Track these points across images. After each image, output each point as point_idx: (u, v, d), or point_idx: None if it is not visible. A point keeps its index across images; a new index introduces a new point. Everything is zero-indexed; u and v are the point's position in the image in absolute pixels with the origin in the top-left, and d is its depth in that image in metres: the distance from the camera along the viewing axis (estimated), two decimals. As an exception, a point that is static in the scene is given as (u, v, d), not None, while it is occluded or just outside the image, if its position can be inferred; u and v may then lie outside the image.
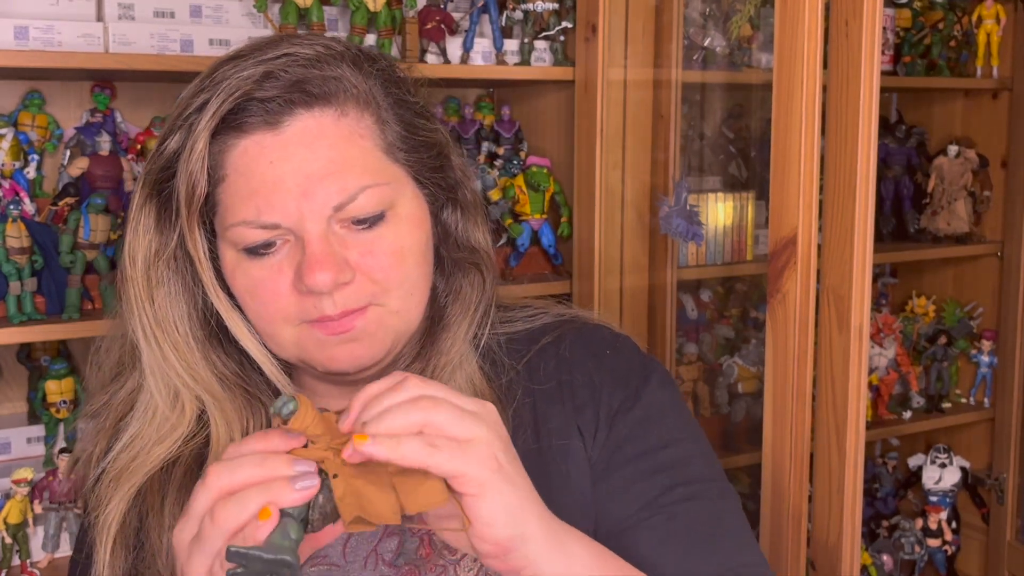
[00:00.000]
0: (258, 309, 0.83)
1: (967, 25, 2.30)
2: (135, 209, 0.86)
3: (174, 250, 0.85)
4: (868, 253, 1.34)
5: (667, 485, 0.86)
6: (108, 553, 0.84)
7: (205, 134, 0.79)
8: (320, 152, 0.80)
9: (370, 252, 0.82)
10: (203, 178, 0.80)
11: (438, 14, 1.72)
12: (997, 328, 2.33)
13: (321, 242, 0.80)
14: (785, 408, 1.39)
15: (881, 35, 1.34)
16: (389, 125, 0.85)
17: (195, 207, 0.81)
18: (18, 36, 1.44)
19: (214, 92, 0.80)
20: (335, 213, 0.80)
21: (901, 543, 2.20)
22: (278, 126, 0.80)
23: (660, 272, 1.87)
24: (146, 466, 0.85)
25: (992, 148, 2.33)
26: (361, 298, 0.82)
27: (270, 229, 0.80)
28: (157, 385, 0.86)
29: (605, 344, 0.94)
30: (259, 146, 0.80)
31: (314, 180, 0.80)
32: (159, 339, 0.85)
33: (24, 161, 1.62)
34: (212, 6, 1.59)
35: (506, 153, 1.93)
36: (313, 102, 0.81)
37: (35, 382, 1.69)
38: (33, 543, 1.55)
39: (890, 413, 2.23)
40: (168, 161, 0.82)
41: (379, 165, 0.83)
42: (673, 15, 1.80)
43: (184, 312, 0.86)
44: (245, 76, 0.80)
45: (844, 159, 1.35)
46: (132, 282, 0.85)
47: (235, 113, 0.80)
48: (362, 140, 0.82)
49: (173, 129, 0.83)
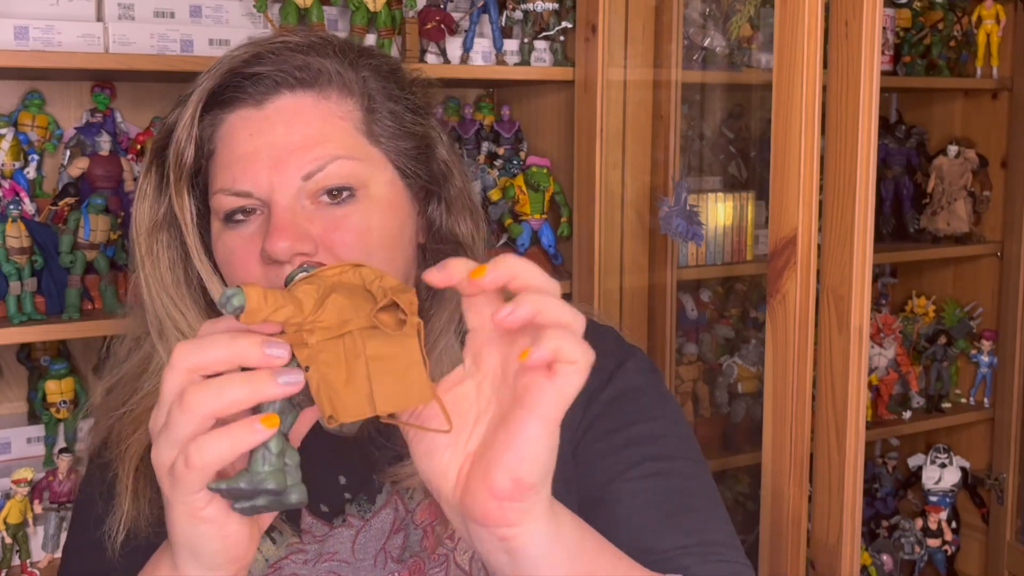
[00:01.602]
0: (229, 277, 0.86)
1: (967, 25, 2.30)
2: (141, 176, 0.90)
3: (170, 216, 0.88)
4: (868, 253, 1.34)
5: (635, 459, 0.87)
6: (130, 479, 0.86)
7: (194, 105, 0.85)
8: (297, 128, 0.84)
9: (335, 228, 0.83)
10: (190, 146, 0.85)
11: (438, 14, 1.72)
12: (997, 328, 2.33)
13: (286, 212, 0.82)
14: (785, 408, 1.39)
15: (881, 35, 1.35)
16: (374, 114, 0.87)
17: (182, 173, 0.85)
18: (18, 36, 1.44)
19: (210, 71, 0.86)
20: (304, 183, 0.82)
21: (901, 543, 2.20)
22: (261, 103, 0.85)
23: (660, 272, 1.87)
24: None
25: (992, 148, 2.34)
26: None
27: (243, 197, 0.83)
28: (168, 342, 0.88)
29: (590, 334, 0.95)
30: (242, 120, 0.85)
31: (287, 152, 0.83)
32: (164, 300, 0.88)
33: (24, 161, 1.62)
34: (212, 6, 1.59)
35: (506, 153, 1.93)
36: (297, 85, 0.85)
37: (35, 382, 1.69)
38: (33, 543, 1.55)
39: (890, 413, 2.23)
40: (167, 132, 0.88)
41: (355, 143, 0.86)
42: (673, 15, 1.80)
43: (181, 273, 0.90)
44: (236, 55, 0.86)
45: (844, 159, 1.35)
46: (136, 246, 0.90)
47: (225, 90, 0.85)
48: (341, 121, 0.86)
49: (176, 105, 0.88)
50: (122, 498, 0.86)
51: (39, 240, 1.50)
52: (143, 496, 0.86)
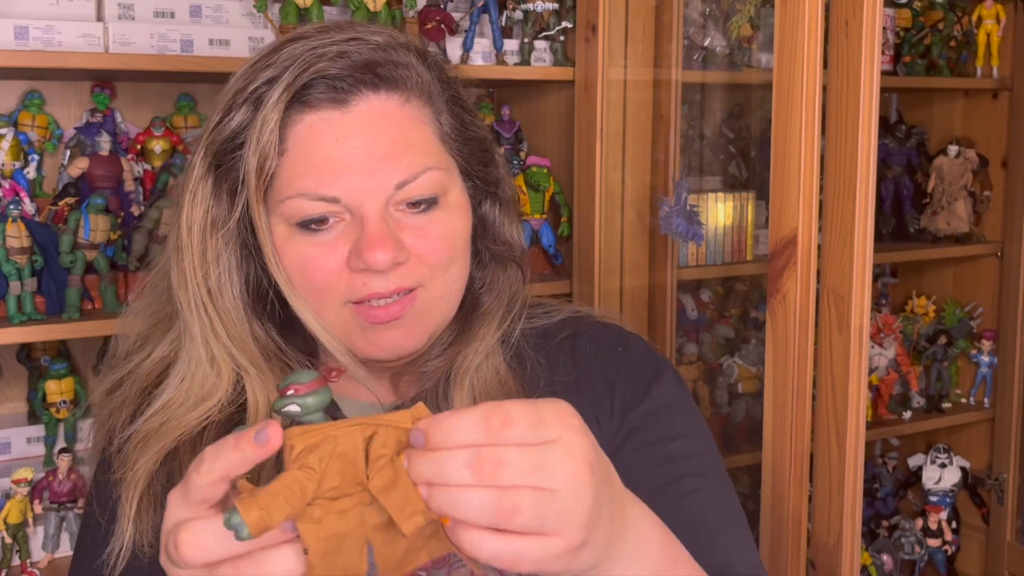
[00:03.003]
0: (307, 284, 0.83)
1: (967, 25, 2.30)
2: (194, 180, 0.85)
3: (231, 221, 0.84)
4: (868, 253, 1.34)
5: (674, 475, 0.88)
6: (133, 509, 0.84)
7: (280, 107, 0.80)
8: (385, 133, 0.82)
9: (424, 235, 0.83)
10: (274, 151, 0.81)
11: (438, 14, 1.72)
12: (997, 328, 2.33)
13: (380, 221, 0.81)
14: (785, 408, 1.39)
15: (881, 35, 1.35)
16: (444, 117, 0.87)
17: (264, 180, 0.82)
18: (18, 36, 1.44)
19: (284, 67, 0.81)
20: (395, 192, 0.82)
21: (901, 543, 2.20)
22: (346, 104, 0.82)
23: (660, 272, 1.87)
24: (177, 430, 0.85)
25: (992, 148, 2.33)
26: (412, 279, 0.83)
27: (329, 202, 0.81)
28: (199, 353, 0.86)
29: (618, 341, 0.97)
30: (325, 122, 0.82)
31: (378, 160, 0.81)
32: (208, 309, 0.85)
33: (24, 161, 1.62)
34: (212, 6, 1.59)
35: (506, 153, 1.93)
36: (381, 85, 0.83)
37: (35, 382, 1.69)
38: (33, 543, 1.55)
39: (890, 413, 2.22)
40: (233, 133, 0.83)
41: (436, 150, 0.85)
42: (673, 15, 1.80)
43: (237, 284, 0.86)
44: (319, 53, 0.81)
45: (844, 159, 1.35)
46: (188, 251, 0.85)
47: (303, 88, 0.81)
48: (423, 127, 0.85)
49: (236, 102, 0.83)
50: (124, 524, 0.84)
51: (39, 240, 1.50)
52: (147, 519, 0.84)
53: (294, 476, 0.56)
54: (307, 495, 0.56)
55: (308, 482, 0.56)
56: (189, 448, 0.86)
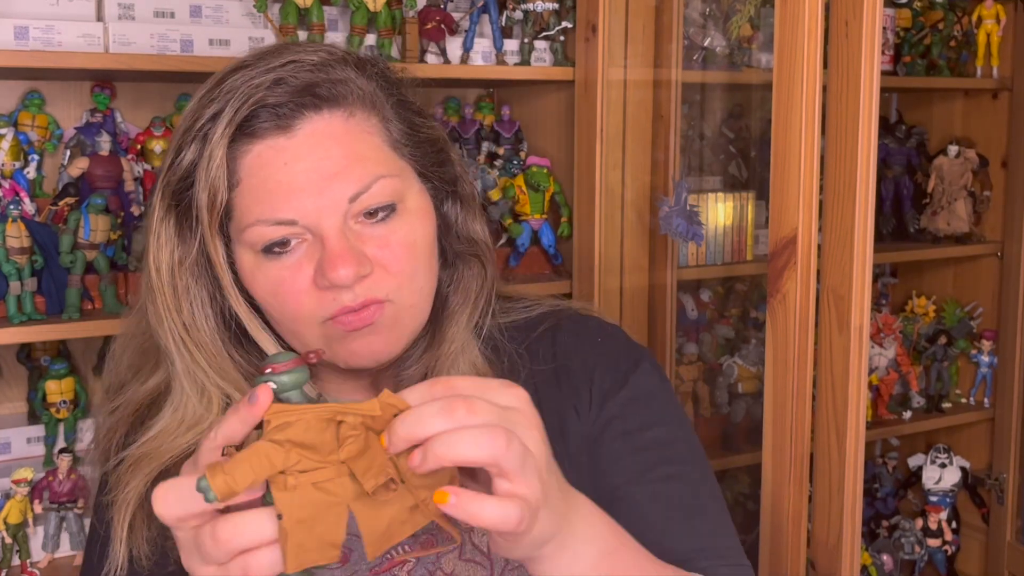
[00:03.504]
0: (280, 307, 0.85)
1: (967, 25, 2.30)
2: (156, 222, 0.87)
3: (196, 257, 0.86)
4: (868, 253, 1.34)
5: (652, 462, 0.90)
6: (124, 530, 0.85)
7: (223, 142, 0.82)
8: (332, 151, 0.83)
9: (386, 245, 0.84)
10: (223, 185, 0.82)
11: (438, 14, 1.72)
12: (997, 328, 2.33)
13: (340, 237, 0.82)
14: (785, 408, 1.39)
15: (881, 35, 1.35)
16: (392, 123, 0.88)
17: (216, 214, 0.83)
18: (18, 36, 1.44)
19: (226, 101, 0.83)
20: (350, 205, 0.83)
21: (901, 543, 2.20)
22: (290, 129, 0.83)
23: (660, 272, 1.87)
24: (169, 452, 0.87)
25: (992, 148, 2.33)
26: (379, 290, 0.84)
27: (286, 225, 0.82)
28: (188, 386, 0.88)
29: (597, 332, 0.99)
30: (272, 150, 0.83)
31: (327, 177, 0.82)
32: (187, 344, 0.87)
33: (24, 161, 1.62)
34: (212, 6, 1.59)
35: (506, 153, 1.93)
36: (322, 104, 0.83)
37: (35, 382, 1.69)
38: (33, 543, 1.55)
39: (890, 413, 2.22)
40: (186, 172, 0.84)
41: (387, 158, 0.86)
42: (673, 15, 1.80)
43: (210, 316, 0.88)
44: (256, 83, 0.82)
45: (844, 159, 1.35)
46: (159, 292, 0.87)
47: (247, 120, 0.82)
48: (371, 137, 0.85)
49: (186, 141, 0.85)
50: (117, 545, 0.85)
51: (39, 240, 1.50)
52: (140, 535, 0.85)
53: (261, 446, 0.60)
54: (275, 465, 0.59)
55: (275, 453, 0.60)
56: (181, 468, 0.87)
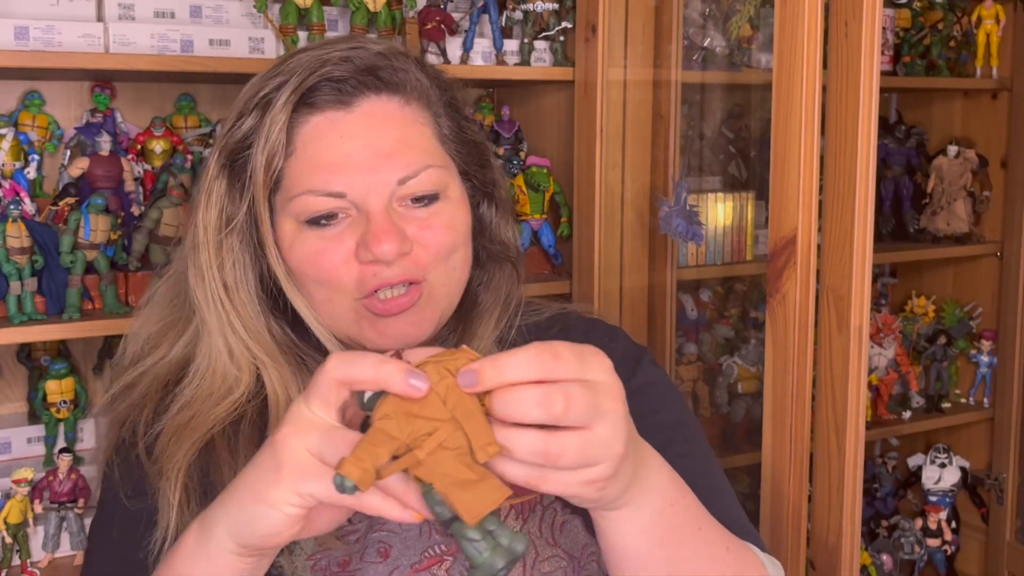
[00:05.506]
0: (317, 276, 0.87)
1: (967, 25, 2.30)
2: (208, 180, 0.90)
3: (243, 220, 0.89)
4: (868, 253, 1.35)
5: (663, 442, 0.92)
6: (176, 497, 0.86)
7: (288, 107, 0.85)
8: (387, 132, 0.87)
9: (427, 227, 0.87)
10: (282, 150, 0.86)
11: (438, 14, 1.72)
12: (997, 328, 2.33)
13: (385, 214, 0.85)
14: (785, 408, 1.39)
15: (881, 35, 1.35)
16: (443, 119, 0.92)
17: (271, 176, 0.86)
18: (18, 36, 1.44)
19: (292, 73, 0.87)
20: (398, 188, 0.86)
21: (901, 543, 2.20)
22: (349, 105, 0.87)
23: (660, 272, 1.87)
24: (207, 424, 0.89)
25: (992, 148, 2.34)
26: (417, 270, 0.87)
27: (336, 198, 0.85)
28: (218, 347, 0.90)
29: (605, 334, 1.03)
30: (330, 122, 0.86)
31: (381, 156, 0.86)
32: (225, 303, 0.89)
33: (24, 161, 1.62)
34: (212, 6, 1.59)
35: (506, 153, 1.93)
36: (383, 87, 0.88)
37: (35, 382, 1.69)
38: (33, 543, 1.54)
39: (890, 413, 2.23)
40: (244, 136, 0.88)
41: (436, 150, 0.90)
42: (673, 15, 1.80)
43: (251, 279, 0.90)
44: (324, 59, 0.86)
45: (844, 159, 1.35)
46: (204, 249, 0.89)
47: (309, 91, 0.86)
48: (423, 127, 0.90)
49: (247, 108, 0.88)
50: (167, 513, 0.86)
51: (39, 240, 1.50)
52: (189, 511, 0.86)
53: (376, 429, 0.63)
54: (396, 437, 0.62)
55: (391, 427, 0.63)
56: (224, 443, 0.89)
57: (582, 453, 0.63)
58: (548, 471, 0.63)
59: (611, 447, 0.64)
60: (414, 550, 0.89)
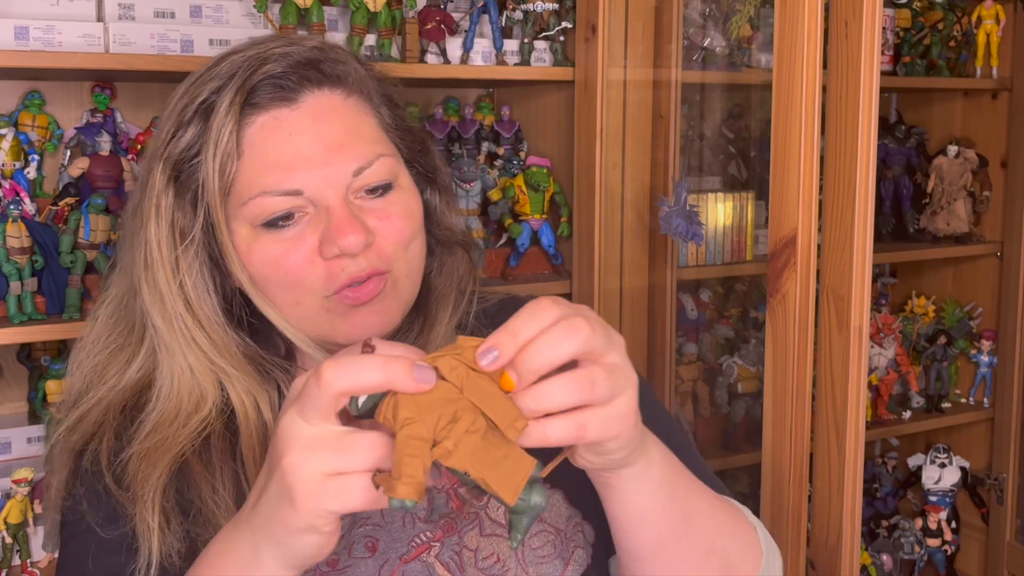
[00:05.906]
0: (282, 280, 0.85)
1: (967, 25, 2.30)
2: (156, 195, 0.87)
3: (197, 232, 0.86)
4: (868, 253, 1.35)
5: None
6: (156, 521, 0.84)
7: (235, 110, 0.83)
8: (335, 124, 0.86)
9: (386, 216, 0.87)
10: (234, 155, 0.84)
11: (438, 14, 1.72)
12: (997, 328, 2.33)
13: (345, 207, 0.84)
14: (785, 408, 1.39)
15: (881, 35, 1.35)
16: (383, 109, 0.92)
17: (225, 184, 0.84)
18: (18, 36, 1.44)
19: (228, 77, 0.85)
20: (354, 179, 0.85)
21: (901, 543, 2.20)
22: (294, 101, 0.85)
23: (660, 272, 1.87)
24: (177, 444, 0.86)
25: (992, 148, 2.34)
26: (381, 260, 0.86)
27: (293, 196, 0.84)
28: (180, 367, 0.87)
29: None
30: (276, 120, 0.85)
31: (333, 149, 0.85)
32: (187, 319, 0.87)
33: (24, 161, 1.62)
34: (212, 6, 1.59)
35: (506, 153, 1.93)
36: (324, 81, 0.87)
37: (35, 382, 1.69)
38: (33, 543, 1.55)
39: (890, 413, 2.23)
40: (189, 144, 0.85)
41: (383, 139, 0.90)
42: (673, 15, 1.80)
43: (212, 292, 0.88)
44: (262, 57, 0.85)
45: (844, 159, 1.35)
46: (159, 265, 0.86)
47: (251, 92, 0.84)
48: (367, 117, 0.89)
49: (185, 117, 0.86)
50: (148, 540, 0.83)
51: (39, 240, 1.50)
52: (171, 531, 0.84)
53: (404, 436, 0.61)
54: (427, 438, 0.61)
55: (418, 430, 0.61)
56: (196, 459, 0.87)
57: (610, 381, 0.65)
58: (587, 415, 0.64)
59: (627, 373, 0.67)
60: (401, 541, 0.88)
